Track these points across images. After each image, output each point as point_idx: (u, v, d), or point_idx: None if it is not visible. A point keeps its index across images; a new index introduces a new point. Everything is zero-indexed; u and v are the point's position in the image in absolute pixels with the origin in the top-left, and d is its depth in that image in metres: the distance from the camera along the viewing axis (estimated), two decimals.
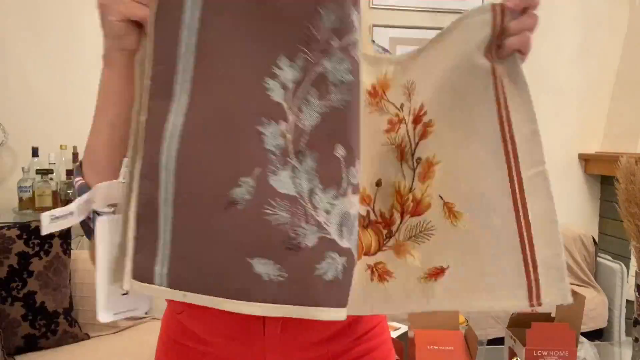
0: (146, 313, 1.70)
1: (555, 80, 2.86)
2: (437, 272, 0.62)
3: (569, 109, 2.92)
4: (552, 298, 0.57)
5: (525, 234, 0.58)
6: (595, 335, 2.55)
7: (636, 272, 1.20)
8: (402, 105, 0.65)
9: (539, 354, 1.21)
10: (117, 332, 2.02)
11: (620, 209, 1.21)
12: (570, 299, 0.56)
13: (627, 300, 2.63)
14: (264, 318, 0.66)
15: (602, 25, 2.96)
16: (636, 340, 1.23)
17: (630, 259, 2.69)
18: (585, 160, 3.01)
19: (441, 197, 0.62)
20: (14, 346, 1.82)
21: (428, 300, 0.62)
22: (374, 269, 0.64)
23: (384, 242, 0.64)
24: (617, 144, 2.86)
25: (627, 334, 2.60)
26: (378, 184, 0.65)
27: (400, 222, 0.64)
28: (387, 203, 0.65)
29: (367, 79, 0.65)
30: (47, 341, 1.87)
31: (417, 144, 0.64)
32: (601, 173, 2.93)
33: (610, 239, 2.95)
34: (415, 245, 0.63)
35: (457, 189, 0.62)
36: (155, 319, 2.08)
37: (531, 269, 0.58)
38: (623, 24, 2.96)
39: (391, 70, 0.66)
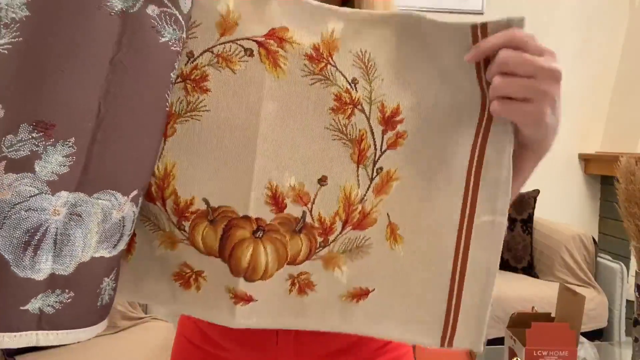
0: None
1: None
2: (360, 294, 0.58)
3: (569, 109, 2.91)
4: (464, 344, 0.57)
5: (457, 277, 0.56)
6: (595, 335, 2.55)
7: (636, 272, 1.20)
8: (354, 81, 0.54)
9: (539, 354, 1.21)
10: (117, 332, 2.02)
11: (620, 209, 1.21)
12: (481, 349, 0.56)
13: (627, 300, 2.63)
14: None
15: (602, 25, 2.96)
16: (636, 340, 1.23)
17: (630, 259, 2.69)
18: (585, 160, 3.01)
19: (388, 216, 0.57)
20: None
21: (344, 321, 0.59)
22: (296, 280, 0.58)
23: (316, 251, 0.57)
24: (617, 144, 2.86)
25: (627, 334, 2.60)
26: (322, 181, 0.56)
27: (340, 233, 0.57)
28: (331, 208, 0.56)
29: (307, 37, 0.54)
30: None
31: (383, 152, 0.56)
32: (601, 173, 2.93)
33: (610, 239, 2.95)
34: (347, 260, 0.58)
35: (406, 212, 0.57)
36: (155, 319, 2.08)
37: (452, 312, 0.57)
38: (623, 24, 2.96)
39: (340, 28, 0.54)
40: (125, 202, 0.48)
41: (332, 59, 0.54)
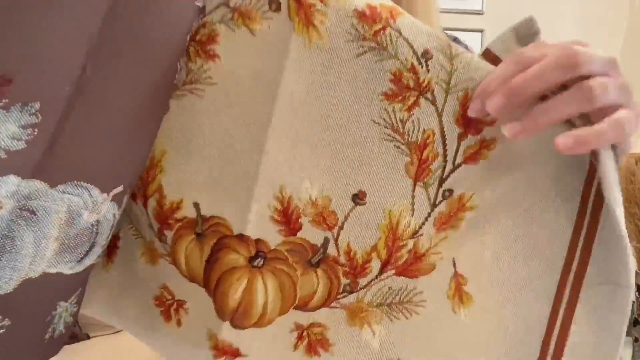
0: None
1: None
2: None
3: None
4: None
5: None
6: None
7: (636, 272, 1.20)
8: (426, 55, 0.37)
9: None
10: (117, 332, 2.02)
11: None
12: None
13: None
14: None
15: (602, 25, 2.96)
16: (636, 340, 1.23)
17: None
18: None
19: (454, 263, 0.40)
20: None
21: None
22: (305, 333, 0.42)
23: (338, 295, 0.41)
24: None
25: (627, 334, 2.60)
26: (358, 198, 0.40)
27: (376, 277, 0.41)
28: (367, 239, 0.40)
29: None
30: None
31: (456, 167, 0.38)
32: None
33: None
34: (384, 318, 0.41)
35: (481, 259, 0.40)
36: None
37: None
38: (623, 24, 2.96)
39: None
40: (103, 200, 0.37)
41: (394, 21, 0.37)
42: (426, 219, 0.39)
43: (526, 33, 0.39)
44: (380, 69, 0.38)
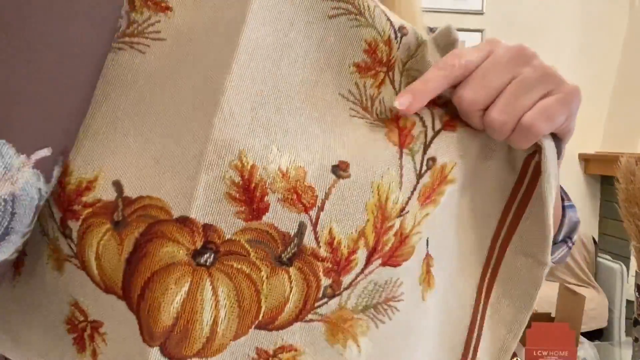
0: None
1: None
2: None
3: None
4: None
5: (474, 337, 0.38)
6: (595, 335, 2.55)
7: (636, 272, 1.20)
8: (402, 30, 0.34)
9: (539, 354, 1.21)
10: None
11: (621, 209, 1.21)
12: None
13: (627, 300, 2.64)
14: None
15: (602, 25, 2.96)
16: (636, 340, 1.23)
17: (630, 259, 2.69)
18: (585, 160, 3.01)
19: (427, 243, 0.35)
20: None
21: None
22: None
23: (316, 303, 0.31)
24: (617, 144, 2.86)
25: (627, 334, 2.60)
26: (340, 170, 0.31)
27: (362, 272, 0.31)
28: (353, 221, 0.31)
29: None
30: None
31: (437, 132, 0.34)
32: (601, 173, 2.93)
33: (610, 239, 2.95)
34: (370, 326, 0.32)
35: (444, 237, 0.37)
36: None
37: None
38: (623, 24, 2.96)
39: None
40: (21, 165, 0.26)
41: None
42: (412, 193, 0.33)
43: (445, 42, 0.36)
44: (355, 36, 0.33)
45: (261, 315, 0.29)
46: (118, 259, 0.29)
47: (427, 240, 0.35)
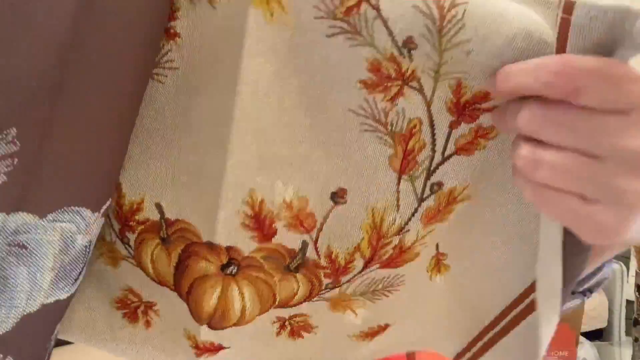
0: None
1: None
2: (377, 331, 0.43)
3: None
4: None
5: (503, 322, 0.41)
6: (595, 335, 2.55)
7: (636, 272, 1.20)
8: (408, 44, 0.30)
9: None
10: None
11: None
12: None
13: (627, 300, 2.64)
14: None
15: None
16: (636, 340, 1.23)
17: (630, 259, 2.69)
18: None
19: (437, 247, 0.40)
20: None
21: (346, 356, 0.44)
22: (287, 323, 0.41)
23: (319, 293, 0.39)
24: None
25: (627, 334, 2.61)
26: (338, 197, 0.35)
27: (360, 273, 0.38)
28: (349, 240, 0.36)
29: None
30: None
31: (446, 158, 0.34)
32: None
33: None
34: (366, 302, 0.41)
35: (464, 239, 0.39)
36: None
37: (478, 344, 0.43)
38: None
39: None
40: (94, 220, 0.34)
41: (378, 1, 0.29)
42: (413, 214, 0.36)
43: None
44: (355, 55, 0.31)
45: (276, 303, 0.39)
46: (168, 265, 0.38)
47: (437, 245, 0.40)
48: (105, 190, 0.34)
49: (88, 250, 0.35)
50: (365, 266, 0.38)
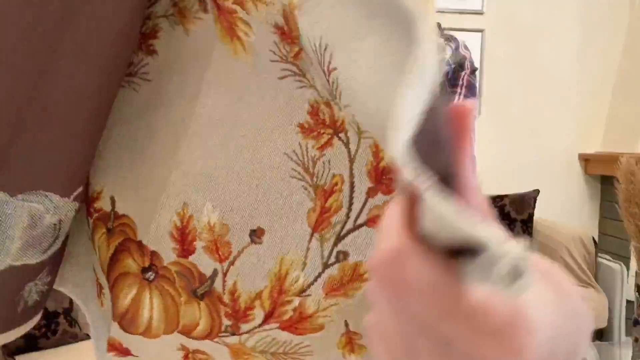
0: None
1: (555, 80, 2.85)
2: None
3: (569, 109, 2.91)
4: None
5: None
6: (595, 335, 2.55)
7: (636, 272, 1.20)
8: (332, 94, 0.31)
9: None
10: None
11: (621, 209, 1.21)
12: None
13: (627, 300, 2.63)
14: None
15: (602, 25, 2.96)
16: (636, 340, 1.23)
17: (630, 259, 2.69)
18: (586, 160, 3.00)
19: (346, 325, 0.37)
20: (14, 346, 1.82)
21: None
22: (191, 356, 0.41)
23: (220, 334, 0.38)
24: (617, 144, 2.86)
25: (627, 334, 2.60)
26: (256, 236, 0.36)
27: (259, 327, 0.37)
28: (254, 282, 0.36)
29: None
30: (47, 341, 1.87)
31: (356, 227, 0.34)
32: (601, 173, 2.93)
33: (610, 239, 2.95)
34: None
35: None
36: None
37: None
38: (623, 24, 2.95)
39: None
40: (64, 204, 0.38)
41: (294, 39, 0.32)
42: (315, 279, 0.35)
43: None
44: (300, 97, 0.33)
45: (179, 327, 0.39)
46: (107, 255, 0.41)
47: (346, 323, 0.37)
48: (75, 180, 0.38)
49: (58, 227, 0.39)
50: (265, 320, 0.37)
